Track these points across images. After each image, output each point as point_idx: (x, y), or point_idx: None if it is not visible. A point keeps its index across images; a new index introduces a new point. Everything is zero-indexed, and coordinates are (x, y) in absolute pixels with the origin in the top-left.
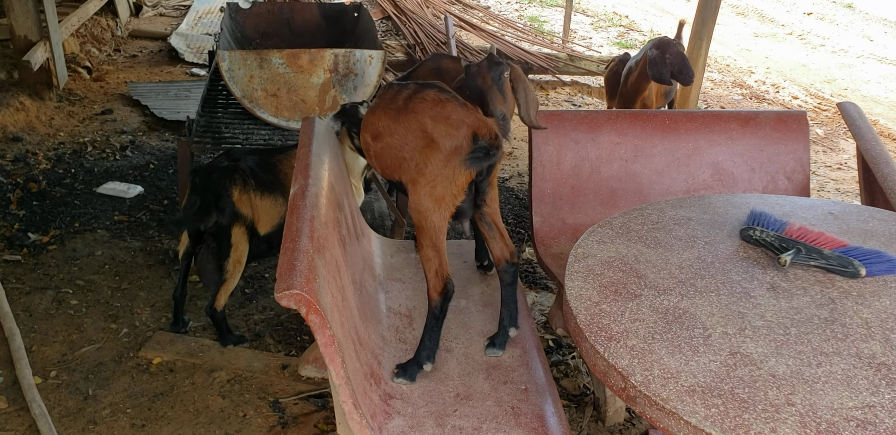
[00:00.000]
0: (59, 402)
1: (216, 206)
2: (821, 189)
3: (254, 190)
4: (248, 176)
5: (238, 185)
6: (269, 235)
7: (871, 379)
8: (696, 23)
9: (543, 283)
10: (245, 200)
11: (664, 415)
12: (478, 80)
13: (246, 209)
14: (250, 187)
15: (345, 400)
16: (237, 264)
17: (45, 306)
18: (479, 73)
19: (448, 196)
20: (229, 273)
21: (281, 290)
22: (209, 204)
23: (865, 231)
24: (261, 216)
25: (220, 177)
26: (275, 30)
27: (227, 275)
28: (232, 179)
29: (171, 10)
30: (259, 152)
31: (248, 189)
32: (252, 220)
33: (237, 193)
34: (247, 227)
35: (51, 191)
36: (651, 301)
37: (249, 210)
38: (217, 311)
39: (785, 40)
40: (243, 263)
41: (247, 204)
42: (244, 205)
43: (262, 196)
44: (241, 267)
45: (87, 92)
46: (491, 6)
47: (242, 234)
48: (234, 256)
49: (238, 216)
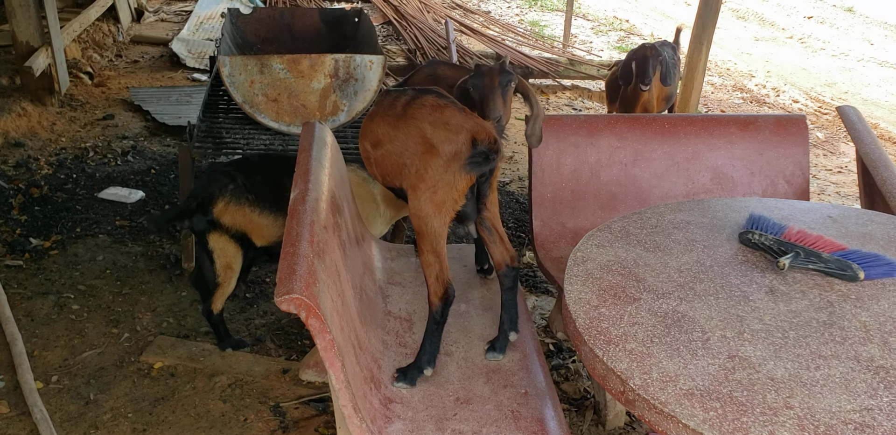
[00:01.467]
0: (60, 406)
1: (193, 211)
2: (821, 192)
3: (250, 205)
4: (244, 191)
5: (227, 197)
6: (269, 247)
7: (870, 382)
8: (697, 27)
9: (544, 286)
10: (233, 212)
11: (663, 418)
12: (486, 79)
13: (230, 221)
14: (245, 202)
15: (345, 404)
16: (227, 270)
17: (47, 311)
18: (489, 74)
19: (449, 201)
20: (221, 278)
21: (281, 294)
22: (188, 207)
23: (864, 234)
24: (256, 230)
25: (211, 185)
26: (276, 35)
27: (220, 280)
28: (223, 190)
29: (173, 15)
30: (281, 165)
31: (242, 203)
32: (242, 231)
33: (223, 205)
34: (233, 236)
35: (52, 196)
36: (650, 305)
37: (237, 222)
38: (213, 314)
39: (785, 44)
40: (235, 270)
41: (235, 216)
42: (230, 216)
43: (260, 212)
44: (233, 273)
45: (88, 97)
46: (491, 11)
47: (225, 241)
48: (221, 262)
49: (217, 225)
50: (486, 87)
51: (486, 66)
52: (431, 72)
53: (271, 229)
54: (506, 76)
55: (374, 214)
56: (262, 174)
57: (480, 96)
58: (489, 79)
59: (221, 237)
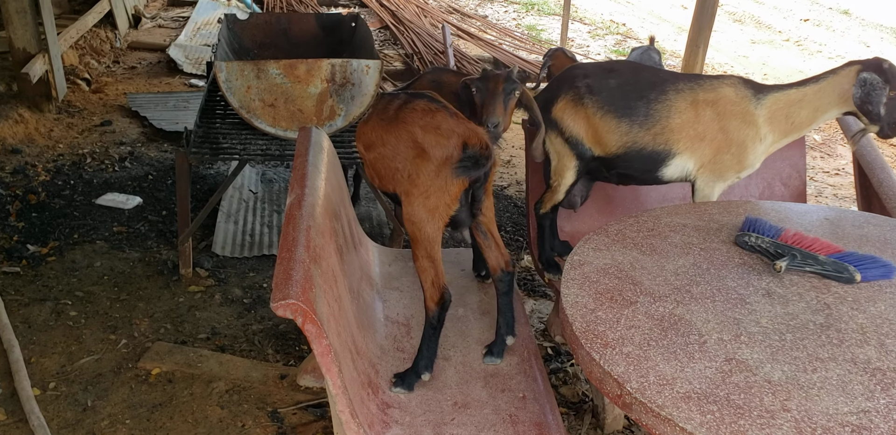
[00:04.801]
0: (57, 413)
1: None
2: (819, 195)
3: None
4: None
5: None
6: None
7: (867, 384)
8: (693, 30)
9: (542, 290)
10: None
11: (660, 422)
12: (490, 84)
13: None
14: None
15: (342, 410)
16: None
17: (44, 318)
18: (494, 79)
19: (441, 206)
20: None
21: (277, 299)
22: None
23: (860, 237)
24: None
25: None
26: (272, 40)
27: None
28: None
29: (170, 21)
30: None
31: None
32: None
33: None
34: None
35: (50, 202)
36: (647, 308)
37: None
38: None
39: (782, 47)
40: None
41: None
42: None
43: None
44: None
45: (86, 104)
46: (489, 15)
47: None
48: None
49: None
50: (490, 92)
51: (494, 72)
52: (435, 78)
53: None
54: (511, 84)
55: (754, 139)
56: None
57: (482, 100)
58: (494, 84)
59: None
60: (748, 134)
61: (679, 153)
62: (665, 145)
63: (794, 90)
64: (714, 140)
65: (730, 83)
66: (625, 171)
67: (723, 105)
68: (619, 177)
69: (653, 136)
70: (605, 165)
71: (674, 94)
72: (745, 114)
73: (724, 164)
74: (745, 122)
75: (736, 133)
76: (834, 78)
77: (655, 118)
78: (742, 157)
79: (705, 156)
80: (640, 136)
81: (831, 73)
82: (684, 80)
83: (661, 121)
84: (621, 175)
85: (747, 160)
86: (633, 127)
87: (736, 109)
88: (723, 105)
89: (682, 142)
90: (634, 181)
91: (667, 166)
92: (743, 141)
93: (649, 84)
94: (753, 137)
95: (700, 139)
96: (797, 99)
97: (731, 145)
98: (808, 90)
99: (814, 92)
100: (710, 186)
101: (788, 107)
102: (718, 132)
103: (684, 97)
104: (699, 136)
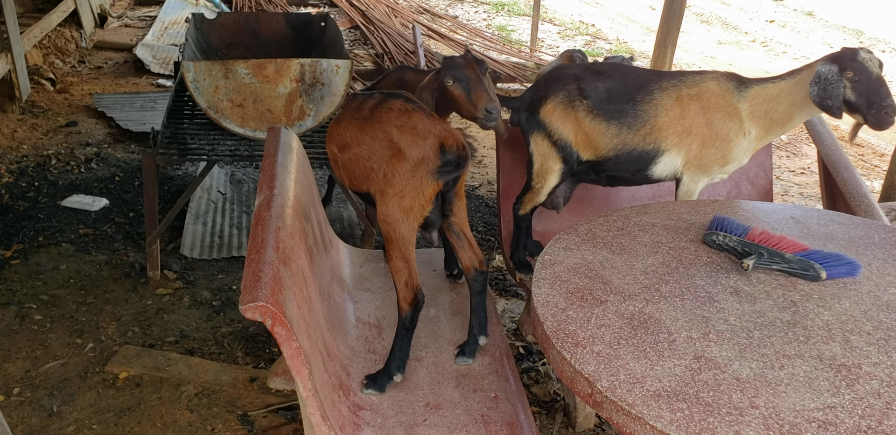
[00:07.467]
0: (22, 419)
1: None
2: (785, 193)
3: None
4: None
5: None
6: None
7: (832, 380)
8: (661, 30)
9: (514, 290)
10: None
11: (630, 420)
12: (467, 71)
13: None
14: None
15: (313, 412)
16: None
17: (8, 322)
18: (468, 65)
19: (416, 207)
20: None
21: (246, 302)
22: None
23: (826, 235)
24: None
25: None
26: (241, 40)
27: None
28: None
29: (137, 20)
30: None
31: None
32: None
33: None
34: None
35: (14, 205)
36: (617, 307)
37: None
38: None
39: (748, 47)
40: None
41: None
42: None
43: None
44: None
45: (50, 104)
46: (459, 15)
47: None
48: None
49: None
50: (472, 79)
51: (460, 57)
52: (399, 77)
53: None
54: (482, 65)
55: (737, 132)
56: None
57: (466, 89)
58: (471, 70)
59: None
60: (731, 127)
61: (667, 150)
62: (654, 144)
63: (771, 84)
64: (700, 134)
65: (713, 77)
66: (615, 173)
67: (707, 98)
68: (608, 179)
69: (642, 137)
70: (595, 169)
71: (659, 93)
72: (728, 106)
73: (709, 159)
74: (728, 115)
75: (720, 126)
76: (807, 71)
77: (644, 119)
78: (726, 151)
79: (692, 151)
80: (629, 137)
81: (807, 68)
82: (668, 78)
83: (649, 121)
84: (611, 177)
85: (731, 154)
86: (622, 129)
87: (720, 102)
88: (707, 98)
89: (670, 138)
90: (624, 182)
91: (656, 164)
92: (727, 134)
93: (635, 86)
94: (737, 131)
95: (687, 134)
96: (775, 93)
97: (715, 139)
98: (784, 85)
99: (789, 87)
100: (696, 182)
101: (768, 102)
102: (704, 126)
103: (669, 94)
104: (686, 132)
